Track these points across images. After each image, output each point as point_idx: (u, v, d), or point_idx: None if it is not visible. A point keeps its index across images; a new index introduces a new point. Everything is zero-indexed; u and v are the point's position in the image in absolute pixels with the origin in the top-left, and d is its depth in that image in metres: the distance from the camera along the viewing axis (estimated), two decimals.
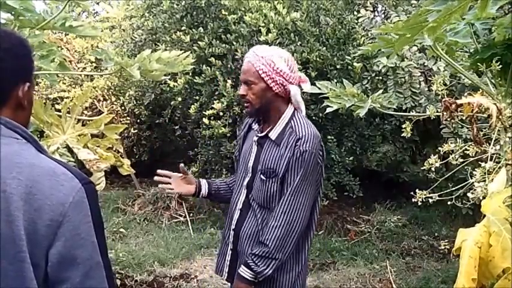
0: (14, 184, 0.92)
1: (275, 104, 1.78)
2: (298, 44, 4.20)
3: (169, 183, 1.92)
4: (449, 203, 1.85)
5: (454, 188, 1.86)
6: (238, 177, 1.91)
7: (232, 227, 1.88)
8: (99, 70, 5.43)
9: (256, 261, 1.72)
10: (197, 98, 4.45)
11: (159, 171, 1.93)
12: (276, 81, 1.73)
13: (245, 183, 1.86)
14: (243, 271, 1.76)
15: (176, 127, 5.15)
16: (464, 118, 1.63)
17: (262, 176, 1.77)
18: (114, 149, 2.28)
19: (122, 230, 4.60)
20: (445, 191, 1.87)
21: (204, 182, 1.97)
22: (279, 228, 1.70)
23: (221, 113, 4.27)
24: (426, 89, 4.00)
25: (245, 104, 1.81)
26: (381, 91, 2.22)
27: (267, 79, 1.73)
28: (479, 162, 1.62)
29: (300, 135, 1.71)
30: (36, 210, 0.93)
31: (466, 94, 1.65)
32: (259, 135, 1.83)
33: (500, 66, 1.62)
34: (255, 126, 1.87)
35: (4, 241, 0.90)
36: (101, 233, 1.03)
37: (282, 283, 1.81)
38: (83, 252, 0.98)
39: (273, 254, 1.70)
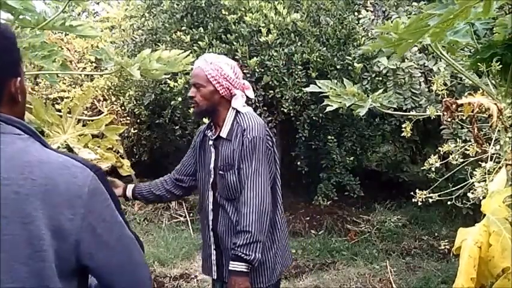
0: (28, 185, 0.91)
1: (220, 106, 1.94)
2: (299, 44, 4.21)
3: None
4: (449, 203, 1.86)
5: (454, 188, 1.87)
6: (201, 182, 2.04)
7: (210, 227, 1.99)
8: (99, 70, 5.43)
9: (245, 251, 1.80)
10: None
11: None
12: (222, 85, 1.90)
13: (210, 185, 1.98)
14: (236, 265, 1.81)
15: (176, 127, 5.15)
16: (464, 118, 1.63)
17: (220, 172, 1.92)
18: (114, 149, 2.28)
19: None
20: (445, 191, 1.87)
21: (129, 187, 2.15)
22: (253, 212, 1.82)
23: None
24: (426, 89, 4.00)
25: (192, 105, 1.99)
26: (380, 91, 2.22)
27: (214, 83, 1.90)
28: (479, 162, 1.62)
29: (245, 126, 1.88)
30: (55, 207, 0.92)
31: (466, 94, 1.65)
32: (213, 138, 1.98)
33: (500, 66, 1.62)
34: (209, 133, 2.01)
35: (16, 243, 0.89)
36: (119, 210, 1.04)
37: (264, 264, 1.93)
38: (113, 234, 1.00)
39: (256, 237, 1.80)
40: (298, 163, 4.72)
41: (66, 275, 0.94)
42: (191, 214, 4.96)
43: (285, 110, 4.23)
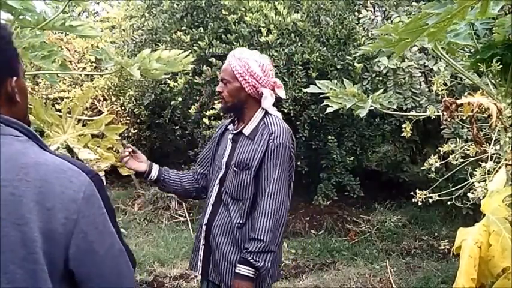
0: (23, 186, 0.90)
1: (248, 104, 1.88)
2: (299, 44, 4.21)
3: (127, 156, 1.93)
4: (449, 203, 1.86)
5: (454, 188, 1.87)
6: (213, 176, 1.98)
7: (204, 221, 1.93)
8: (99, 70, 5.43)
9: (256, 258, 1.75)
10: (197, 98, 4.46)
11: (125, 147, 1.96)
12: (248, 83, 1.84)
13: (218, 179, 1.92)
14: (244, 269, 1.77)
15: (176, 127, 5.15)
16: (464, 118, 1.63)
17: (235, 169, 1.84)
18: (114, 149, 2.28)
19: (122, 230, 4.59)
20: (445, 191, 1.87)
21: (156, 166, 1.99)
22: (270, 221, 1.76)
23: (221, 113, 4.27)
24: (427, 89, 4.00)
25: (219, 100, 1.93)
26: (381, 91, 2.22)
27: (240, 79, 1.84)
28: (479, 162, 1.62)
29: (273, 130, 1.81)
30: (49, 210, 0.91)
31: (466, 94, 1.65)
32: (234, 132, 1.92)
33: (501, 66, 1.62)
34: (231, 127, 1.96)
35: (12, 245, 0.89)
36: (114, 220, 1.03)
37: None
38: (104, 244, 0.98)
39: (269, 248, 1.76)
40: (298, 163, 4.72)
41: (56, 279, 0.94)
42: (191, 214, 4.96)
43: (285, 110, 4.23)
